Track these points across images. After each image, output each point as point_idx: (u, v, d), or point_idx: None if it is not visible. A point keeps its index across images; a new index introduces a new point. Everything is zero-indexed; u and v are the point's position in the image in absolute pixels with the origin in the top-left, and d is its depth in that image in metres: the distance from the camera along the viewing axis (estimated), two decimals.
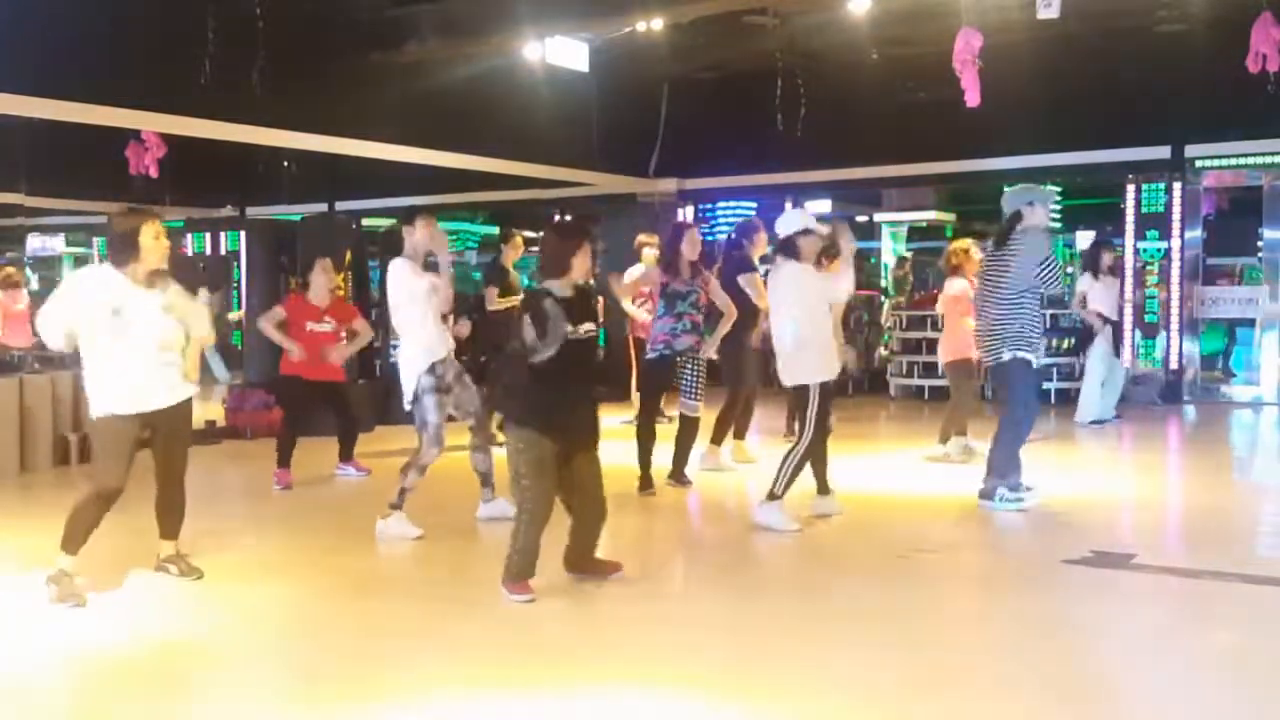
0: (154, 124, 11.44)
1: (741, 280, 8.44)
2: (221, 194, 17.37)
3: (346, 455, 8.85)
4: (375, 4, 11.87)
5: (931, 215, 17.59)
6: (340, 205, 16.27)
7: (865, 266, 16.09)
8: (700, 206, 16.36)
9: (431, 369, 6.62)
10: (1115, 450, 10.44)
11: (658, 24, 12.01)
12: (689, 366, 7.86)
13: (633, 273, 10.25)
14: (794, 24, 13.13)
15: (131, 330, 5.20)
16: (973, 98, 10.46)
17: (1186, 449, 11.06)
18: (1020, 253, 7.02)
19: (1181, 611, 5.21)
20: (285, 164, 15.23)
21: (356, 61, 11.63)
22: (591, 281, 5.70)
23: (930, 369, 13.51)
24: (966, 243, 9.48)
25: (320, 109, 11.18)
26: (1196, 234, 13.38)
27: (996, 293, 7.13)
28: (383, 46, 11.83)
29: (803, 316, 6.64)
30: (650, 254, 10.62)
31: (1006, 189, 7.55)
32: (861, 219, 18.92)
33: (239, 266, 15.24)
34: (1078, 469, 9.07)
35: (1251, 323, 13.72)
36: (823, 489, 7.07)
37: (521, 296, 7.20)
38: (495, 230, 18.14)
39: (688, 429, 8.04)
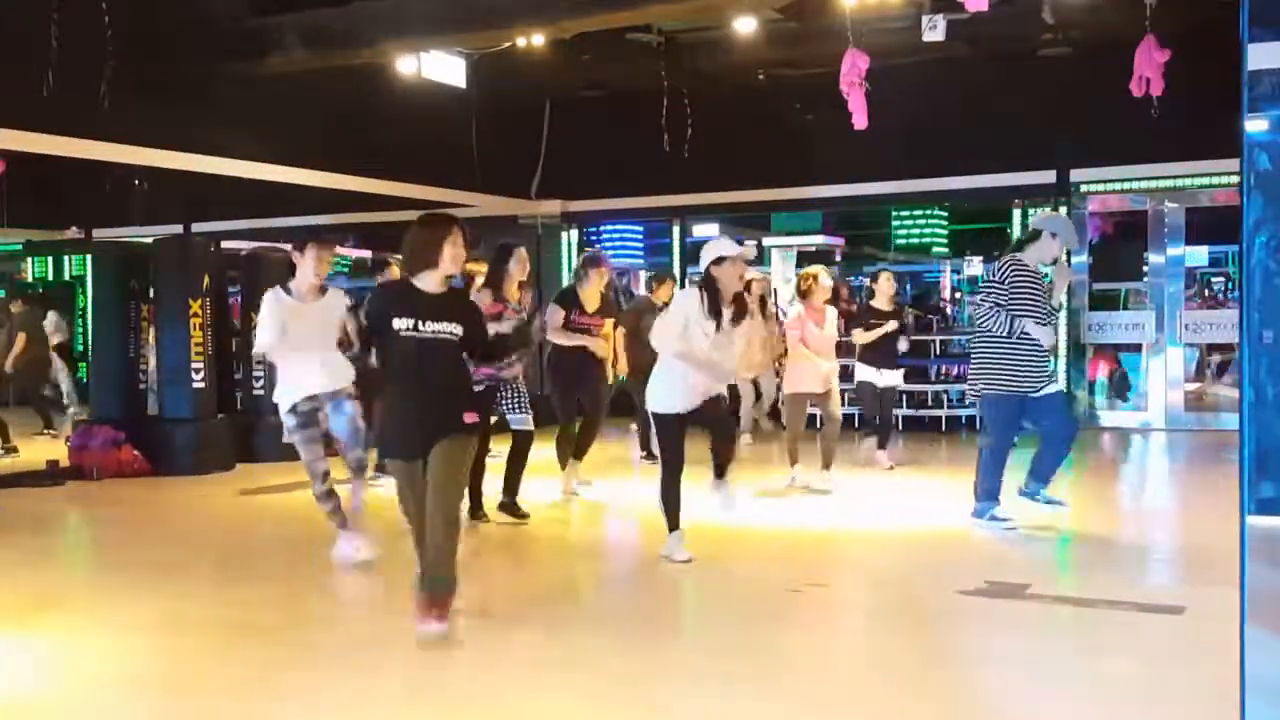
0: None
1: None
2: (66, 215, 16.40)
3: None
4: (235, 12, 11.17)
5: (820, 239, 17.41)
6: (197, 227, 15.43)
7: None
8: (585, 230, 15.94)
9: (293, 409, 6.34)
10: (1006, 478, 10.20)
11: (539, 40, 11.55)
12: (511, 385, 7.54)
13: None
14: (680, 42, 12.84)
15: None
16: (860, 120, 10.28)
17: (1077, 476, 10.92)
18: (1004, 279, 7.03)
19: (1077, 641, 5.16)
20: (136, 182, 14.36)
21: (215, 73, 10.91)
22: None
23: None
24: (817, 269, 9.38)
25: (175, 123, 10.44)
26: (1083, 259, 13.36)
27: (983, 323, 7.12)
28: (243, 58, 11.08)
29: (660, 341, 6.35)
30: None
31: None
32: (750, 243, 18.71)
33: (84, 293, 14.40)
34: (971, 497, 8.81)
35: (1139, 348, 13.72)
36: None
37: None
38: (367, 255, 17.46)
39: (523, 445, 7.68)
